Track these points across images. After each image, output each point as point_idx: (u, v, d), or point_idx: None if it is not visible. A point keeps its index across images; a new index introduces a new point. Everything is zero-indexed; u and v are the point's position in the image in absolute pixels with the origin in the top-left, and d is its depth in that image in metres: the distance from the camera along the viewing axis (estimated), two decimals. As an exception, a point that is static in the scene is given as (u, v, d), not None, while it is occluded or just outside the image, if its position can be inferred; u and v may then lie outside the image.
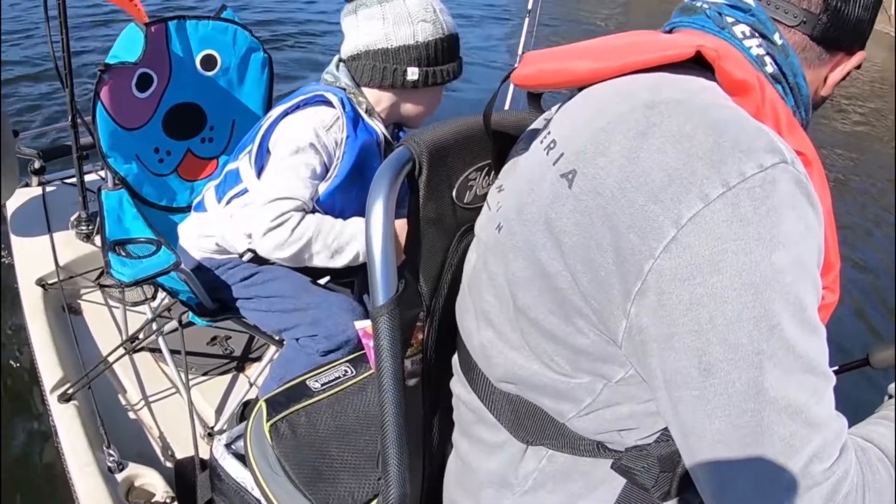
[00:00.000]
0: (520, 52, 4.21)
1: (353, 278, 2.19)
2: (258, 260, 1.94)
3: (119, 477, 1.91)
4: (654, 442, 0.84)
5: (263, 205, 1.71)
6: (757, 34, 0.85)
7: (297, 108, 1.77)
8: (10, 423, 2.52)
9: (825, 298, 0.76)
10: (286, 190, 1.71)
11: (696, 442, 0.71)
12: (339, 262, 1.79)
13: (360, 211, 1.84)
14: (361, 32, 1.77)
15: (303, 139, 1.72)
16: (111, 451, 1.94)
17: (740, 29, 0.86)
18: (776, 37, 0.84)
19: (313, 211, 1.78)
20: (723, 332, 0.66)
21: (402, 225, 0.98)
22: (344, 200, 1.83)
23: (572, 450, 0.87)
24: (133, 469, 1.94)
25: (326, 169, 1.78)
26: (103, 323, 2.60)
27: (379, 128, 1.85)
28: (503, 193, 0.92)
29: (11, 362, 2.72)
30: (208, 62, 2.25)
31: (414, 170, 0.92)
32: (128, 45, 2.07)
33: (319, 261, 1.77)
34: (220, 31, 2.24)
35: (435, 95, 1.90)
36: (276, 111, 1.80)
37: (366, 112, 1.83)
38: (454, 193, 1.00)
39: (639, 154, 0.71)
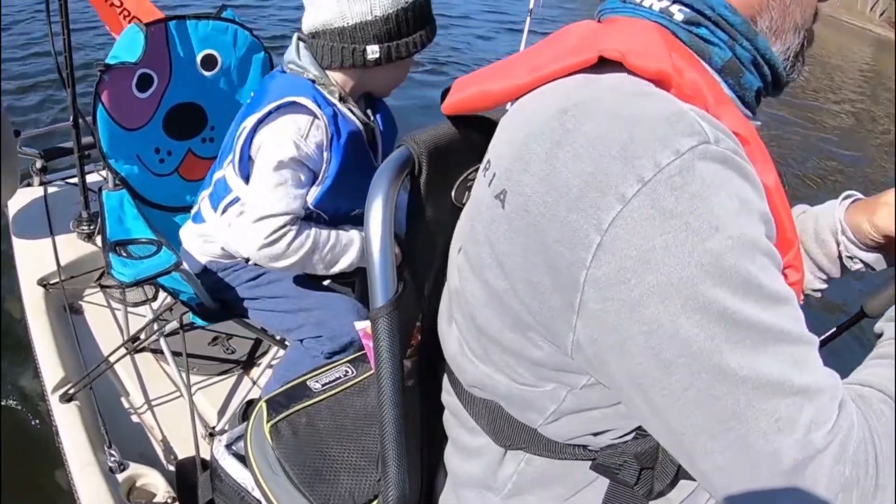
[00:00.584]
0: (521, 48, 4.20)
1: (354, 279, 2.19)
2: None
3: (120, 477, 1.91)
4: (630, 440, 0.82)
5: (254, 222, 1.69)
6: None
7: (269, 115, 1.71)
8: (12, 423, 2.52)
9: (788, 277, 0.74)
10: (277, 206, 1.69)
11: (683, 441, 0.69)
12: (334, 270, 1.81)
13: (355, 206, 1.84)
14: (317, 9, 1.68)
15: (284, 153, 1.68)
16: (112, 452, 1.95)
17: None
18: None
19: (308, 215, 1.78)
20: (671, 327, 0.64)
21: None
22: (338, 198, 1.81)
23: (549, 453, 0.85)
24: (134, 469, 1.95)
25: (314, 174, 1.76)
26: (105, 323, 2.61)
27: (357, 113, 1.80)
28: (462, 213, 0.92)
29: (12, 362, 2.72)
30: (209, 62, 2.25)
31: (413, 169, 0.92)
32: (128, 46, 2.07)
33: (315, 270, 1.79)
34: (220, 30, 2.24)
35: (402, 68, 1.81)
36: (250, 121, 1.73)
37: (340, 100, 1.76)
38: (453, 193, 0.99)
39: (555, 164, 0.69)
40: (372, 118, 1.88)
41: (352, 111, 1.79)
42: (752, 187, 0.66)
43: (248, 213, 1.72)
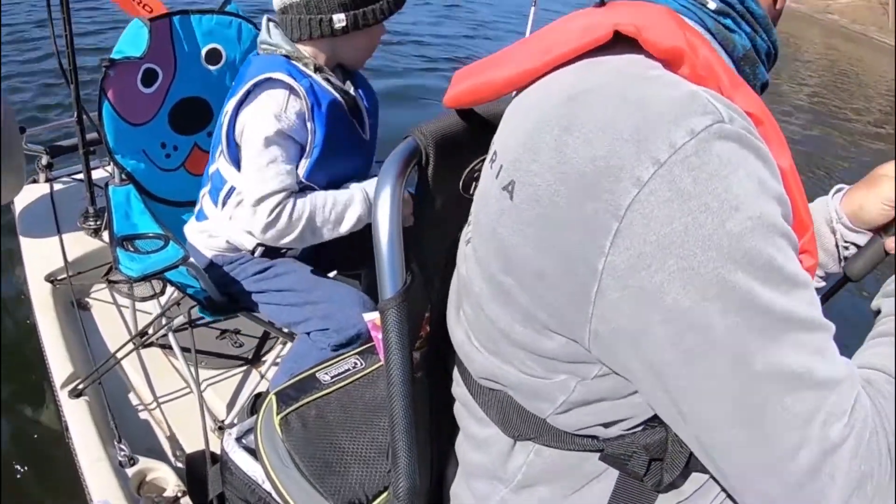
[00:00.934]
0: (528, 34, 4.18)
1: (360, 270, 2.19)
2: (270, 254, 1.95)
3: (130, 471, 1.92)
4: (640, 431, 0.81)
5: (253, 205, 1.72)
6: None
7: (248, 95, 1.75)
8: (22, 418, 2.53)
9: (804, 262, 0.72)
10: (271, 184, 1.71)
11: (701, 433, 0.68)
12: (344, 228, 1.81)
13: (346, 176, 1.85)
14: None
15: (268, 129, 1.70)
16: (122, 446, 1.95)
17: None
18: None
19: (301, 189, 1.79)
20: (691, 315, 0.62)
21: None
22: (328, 170, 1.82)
23: (558, 444, 0.84)
24: (144, 463, 1.95)
25: (302, 147, 1.78)
26: (112, 318, 2.62)
27: (334, 81, 1.82)
28: (472, 206, 0.91)
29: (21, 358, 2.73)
30: (213, 56, 2.25)
31: (421, 160, 0.92)
32: (132, 41, 2.07)
33: (325, 234, 1.80)
34: (224, 24, 2.24)
35: (371, 36, 1.84)
36: (231, 104, 1.78)
37: (315, 71, 1.78)
38: (461, 184, 0.99)
39: (566, 151, 0.67)
40: (352, 90, 1.89)
41: (329, 80, 1.80)
42: (767, 168, 0.65)
43: (245, 200, 1.75)
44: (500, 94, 0.86)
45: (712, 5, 0.79)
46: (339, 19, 1.73)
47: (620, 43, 0.74)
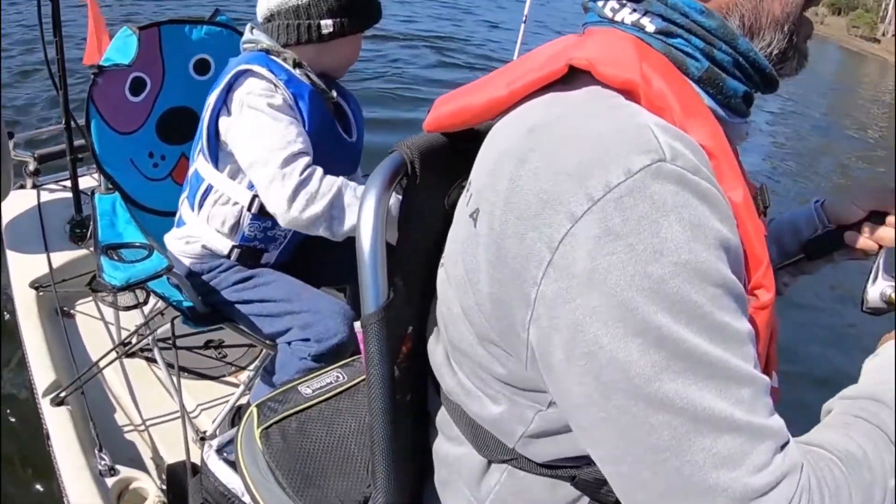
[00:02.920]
0: (515, 57, 4.23)
1: (345, 284, 2.19)
2: (250, 263, 1.94)
3: (111, 481, 1.91)
4: None
5: (281, 167, 1.64)
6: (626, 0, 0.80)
7: (229, 88, 1.77)
8: (3, 426, 2.51)
9: (760, 297, 0.73)
10: (297, 144, 1.68)
11: (620, 468, 0.67)
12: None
13: (329, 173, 1.82)
14: None
15: (267, 99, 1.71)
16: (103, 455, 1.94)
17: (609, 6, 0.82)
18: None
19: None
20: (611, 351, 0.63)
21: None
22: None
23: (531, 468, 0.85)
24: (125, 473, 1.94)
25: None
26: (96, 327, 2.61)
27: (313, 78, 1.83)
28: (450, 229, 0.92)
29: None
30: (202, 67, 2.25)
31: (406, 175, 0.92)
32: (121, 49, 2.07)
33: (349, 216, 1.69)
34: (213, 35, 2.25)
35: (354, 44, 1.89)
36: (211, 99, 1.79)
37: (295, 66, 1.80)
38: (446, 200, 1.00)
39: (518, 182, 0.69)
40: (336, 95, 1.91)
41: (308, 76, 1.82)
42: (710, 209, 0.64)
43: (269, 165, 1.66)
44: (477, 120, 0.87)
45: (650, 27, 0.78)
46: (327, 25, 1.78)
47: (585, 74, 0.75)
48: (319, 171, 1.68)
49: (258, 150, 1.69)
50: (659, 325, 0.61)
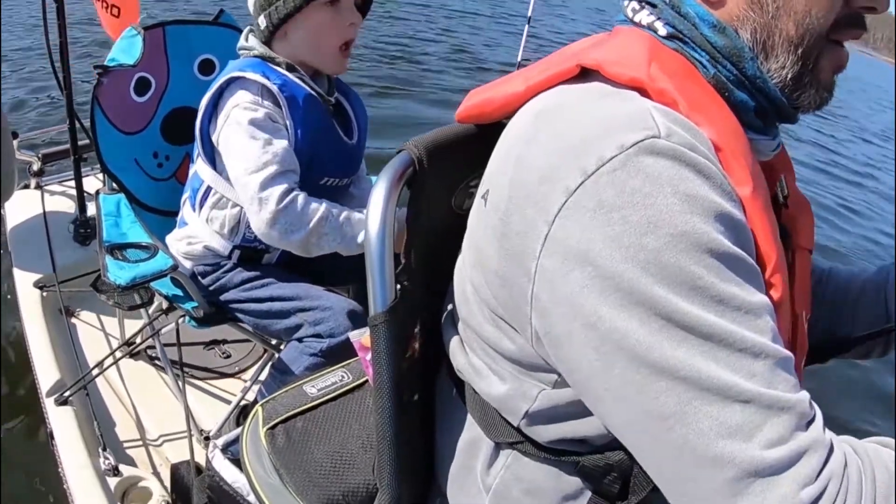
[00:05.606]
0: (518, 57, 4.25)
1: (348, 285, 2.19)
2: (253, 263, 1.94)
3: (115, 481, 1.91)
4: (611, 449, 0.81)
5: (260, 192, 1.65)
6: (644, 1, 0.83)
7: (220, 94, 1.77)
8: (7, 426, 2.51)
9: (773, 297, 0.71)
10: (273, 166, 1.66)
11: (628, 436, 0.69)
12: (351, 245, 1.74)
13: (325, 175, 1.82)
14: None
15: (250, 115, 1.69)
16: (107, 455, 1.94)
17: (630, 6, 0.85)
18: None
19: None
20: (610, 321, 0.63)
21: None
22: (306, 167, 1.78)
23: (535, 453, 0.85)
24: (129, 473, 1.94)
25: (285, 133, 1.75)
26: (100, 326, 2.61)
27: (307, 81, 1.81)
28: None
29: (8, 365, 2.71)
30: (207, 67, 2.25)
31: (414, 175, 0.92)
32: (126, 48, 2.07)
33: (327, 243, 1.71)
34: (218, 35, 2.24)
35: (320, 12, 1.76)
36: (204, 101, 1.79)
37: (287, 70, 1.78)
38: (453, 200, 1.00)
39: (523, 161, 0.72)
40: (334, 96, 1.90)
41: (303, 80, 1.80)
42: (709, 185, 0.64)
43: (248, 188, 1.67)
44: (499, 112, 0.90)
45: (662, 31, 0.80)
46: (261, 21, 1.77)
47: (597, 73, 0.77)
48: (301, 197, 1.68)
49: (236, 172, 1.71)
50: (657, 296, 0.62)
